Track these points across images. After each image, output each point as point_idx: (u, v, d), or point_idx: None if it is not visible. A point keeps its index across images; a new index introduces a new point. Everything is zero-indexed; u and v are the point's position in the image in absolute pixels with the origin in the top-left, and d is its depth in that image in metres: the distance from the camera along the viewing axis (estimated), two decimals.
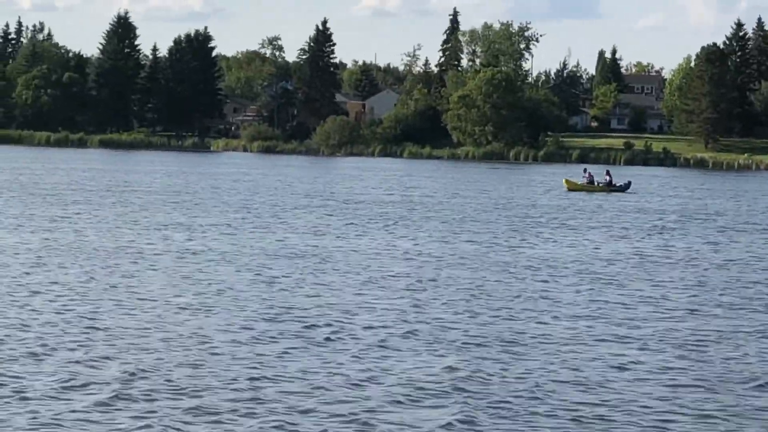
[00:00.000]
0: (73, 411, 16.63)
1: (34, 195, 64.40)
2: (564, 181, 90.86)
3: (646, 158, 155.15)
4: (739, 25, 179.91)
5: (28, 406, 16.72)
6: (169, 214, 53.47)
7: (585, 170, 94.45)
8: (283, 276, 32.15)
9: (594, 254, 40.59)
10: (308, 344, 21.98)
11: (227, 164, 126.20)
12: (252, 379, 18.81)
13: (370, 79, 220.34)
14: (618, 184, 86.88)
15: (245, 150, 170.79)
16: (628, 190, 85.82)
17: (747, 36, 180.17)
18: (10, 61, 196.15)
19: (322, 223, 50.98)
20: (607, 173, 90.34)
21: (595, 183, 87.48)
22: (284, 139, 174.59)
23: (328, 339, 22.53)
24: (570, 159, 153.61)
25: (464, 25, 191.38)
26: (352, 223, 51.33)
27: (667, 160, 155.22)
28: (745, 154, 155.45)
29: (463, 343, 22.31)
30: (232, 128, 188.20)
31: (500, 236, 46.95)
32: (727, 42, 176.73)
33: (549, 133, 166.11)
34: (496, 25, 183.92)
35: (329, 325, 24.10)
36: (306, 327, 23.84)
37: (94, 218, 49.91)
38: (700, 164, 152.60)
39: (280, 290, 29.34)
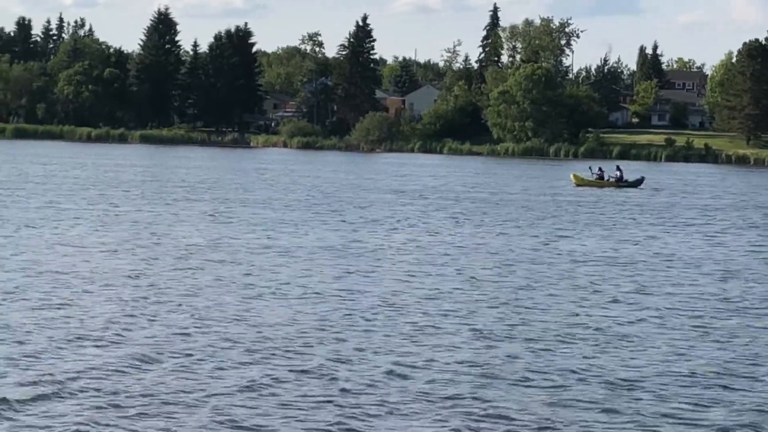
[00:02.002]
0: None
1: (142, 191, 64.50)
2: (572, 175, 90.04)
3: (687, 155, 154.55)
4: None
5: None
6: (324, 214, 52.84)
7: (592, 167, 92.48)
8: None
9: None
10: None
11: (283, 161, 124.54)
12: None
13: (410, 75, 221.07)
14: (628, 180, 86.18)
15: (285, 146, 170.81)
16: (641, 186, 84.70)
17: None
18: (52, 57, 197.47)
19: (452, 219, 51.84)
20: (618, 168, 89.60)
21: (605, 179, 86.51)
22: (324, 135, 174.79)
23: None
24: (610, 155, 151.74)
25: (504, 21, 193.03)
26: (482, 222, 51.15)
27: (708, 156, 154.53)
28: None
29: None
30: (272, 124, 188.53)
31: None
32: None
33: (589, 129, 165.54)
34: (537, 21, 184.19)
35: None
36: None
37: (235, 216, 49.63)
38: (742, 161, 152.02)
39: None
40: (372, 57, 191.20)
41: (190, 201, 58.92)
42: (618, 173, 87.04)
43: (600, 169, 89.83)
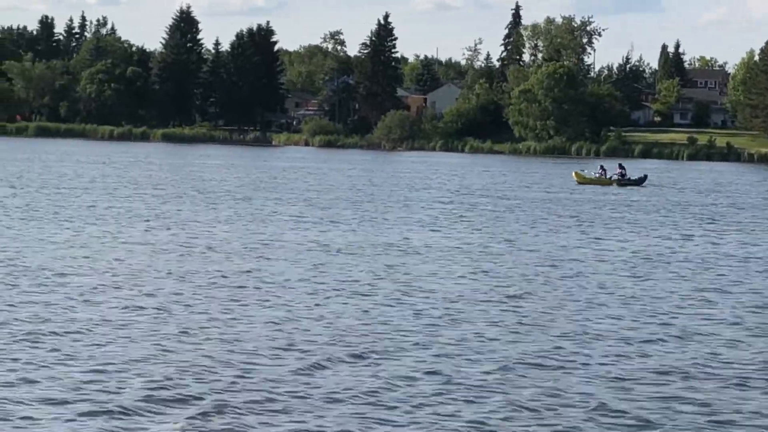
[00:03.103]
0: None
1: (196, 193, 63.84)
2: (574, 173, 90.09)
3: (709, 153, 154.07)
4: None
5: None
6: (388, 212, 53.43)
7: (601, 167, 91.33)
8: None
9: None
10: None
11: (315, 159, 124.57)
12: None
13: (432, 73, 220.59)
14: (631, 178, 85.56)
15: (306, 144, 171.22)
16: (644, 184, 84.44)
17: None
18: (75, 56, 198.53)
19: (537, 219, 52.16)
20: (620, 166, 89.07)
21: (608, 177, 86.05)
22: (345, 134, 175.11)
23: None
24: (632, 154, 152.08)
25: (526, 20, 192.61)
26: (572, 224, 51.00)
27: (730, 155, 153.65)
28: None
29: None
30: (294, 122, 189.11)
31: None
32: None
33: (611, 128, 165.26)
34: (558, 20, 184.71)
35: None
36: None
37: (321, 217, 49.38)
38: (764, 159, 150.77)
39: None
40: (393, 55, 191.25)
41: (281, 203, 57.49)
42: (620, 171, 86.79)
43: (601, 167, 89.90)
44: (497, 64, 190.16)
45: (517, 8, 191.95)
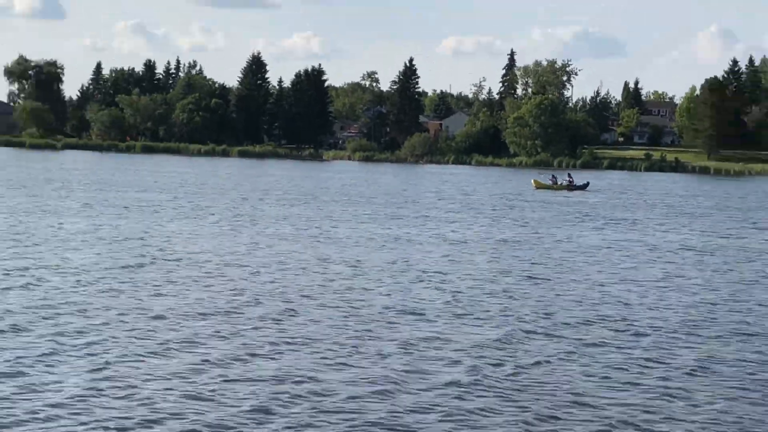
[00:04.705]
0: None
1: (339, 200, 62.22)
2: (533, 181, 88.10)
3: (661, 166, 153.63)
4: (735, 62, 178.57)
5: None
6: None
7: (554, 175, 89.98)
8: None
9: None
10: None
11: (358, 171, 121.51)
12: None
13: (446, 104, 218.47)
14: (578, 184, 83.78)
15: (349, 159, 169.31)
16: (588, 188, 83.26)
17: (741, 71, 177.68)
18: (171, 91, 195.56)
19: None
20: (569, 175, 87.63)
21: (558, 183, 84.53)
22: (379, 151, 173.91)
23: None
24: (602, 167, 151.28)
25: (519, 62, 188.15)
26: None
27: (678, 168, 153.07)
28: (740, 163, 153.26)
29: None
30: (339, 142, 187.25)
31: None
32: (726, 75, 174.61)
33: (585, 146, 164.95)
34: (544, 63, 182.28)
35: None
36: None
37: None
38: (704, 171, 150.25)
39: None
40: (416, 90, 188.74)
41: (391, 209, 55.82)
42: (568, 179, 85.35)
43: (553, 176, 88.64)
44: (497, 96, 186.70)
45: (512, 54, 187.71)
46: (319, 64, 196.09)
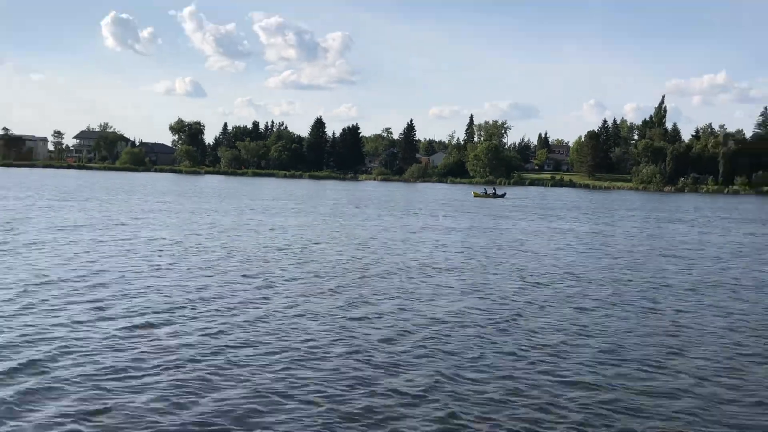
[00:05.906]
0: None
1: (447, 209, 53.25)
2: (472, 192, 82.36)
3: (561, 184, 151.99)
4: (605, 121, 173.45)
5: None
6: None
7: (486, 188, 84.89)
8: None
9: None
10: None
11: (382, 187, 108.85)
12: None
13: (432, 147, 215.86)
14: (500, 194, 77.91)
15: (374, 179, 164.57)
16: (505, 197, 77.35)
17: (608, 126, 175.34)
18: (268, 139, 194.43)
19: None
20: (494, 188, 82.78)
21: (487, 193, 78.72)
22: (392, 175, 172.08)
23: None
24: (525, 184, 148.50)
25: (476, 121, 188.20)
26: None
27: (571, 184, 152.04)
28: (607, 182, 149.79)
29: None
30: (368, 169, 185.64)
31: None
32: (599, 129, 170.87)
33: (515, 172, 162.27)
34: (491, 122, 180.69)
35: None
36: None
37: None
38: (586, 186, 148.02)
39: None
40: (415, 139, 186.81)
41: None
42: (494, 190, 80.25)
43: (485, 188, 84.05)
44: (462, 142, 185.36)
45: (471, 117, 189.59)
46: (356, 123, 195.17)
